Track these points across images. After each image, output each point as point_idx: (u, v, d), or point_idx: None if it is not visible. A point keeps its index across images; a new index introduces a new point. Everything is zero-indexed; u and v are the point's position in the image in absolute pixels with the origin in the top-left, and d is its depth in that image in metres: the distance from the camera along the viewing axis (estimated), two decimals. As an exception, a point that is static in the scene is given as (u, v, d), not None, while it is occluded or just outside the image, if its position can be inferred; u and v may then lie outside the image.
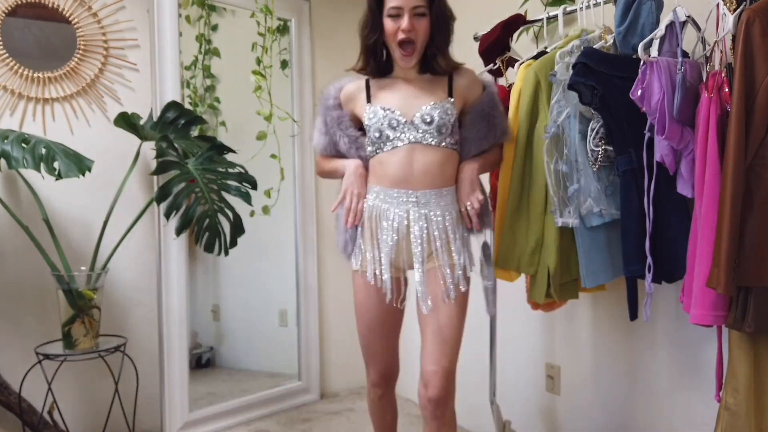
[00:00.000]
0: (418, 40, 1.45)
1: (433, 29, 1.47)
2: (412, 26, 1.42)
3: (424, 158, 1.46)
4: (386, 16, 1.45)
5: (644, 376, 1.83)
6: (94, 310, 2.07)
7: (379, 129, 1.48)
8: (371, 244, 1.51)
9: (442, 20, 1.48)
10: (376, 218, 1.50)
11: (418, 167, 1.46)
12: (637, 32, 1.46)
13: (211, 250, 2.24)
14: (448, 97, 1.50)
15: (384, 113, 1.48)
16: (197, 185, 2.18)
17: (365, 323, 1.58)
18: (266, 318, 3.00)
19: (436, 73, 1.52)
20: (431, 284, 1.49)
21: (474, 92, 1.56)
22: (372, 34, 1.48)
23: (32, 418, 2.08)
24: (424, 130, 1.45)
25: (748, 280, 1.24)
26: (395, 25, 1.43)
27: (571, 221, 1.50)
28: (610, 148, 1.50)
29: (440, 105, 1.47)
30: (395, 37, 1.44)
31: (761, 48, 1.21)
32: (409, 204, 1.46)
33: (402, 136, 1.46)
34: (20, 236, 2.09)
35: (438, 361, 1.45)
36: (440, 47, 1.49)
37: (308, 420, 2.57)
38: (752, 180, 1.24)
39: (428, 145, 1.46)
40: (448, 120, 1.47)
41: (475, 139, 1.52)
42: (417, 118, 1.46)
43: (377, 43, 1.49)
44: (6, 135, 1.85)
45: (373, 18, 1.47)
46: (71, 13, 2.24)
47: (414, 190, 1.47)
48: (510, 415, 2.27)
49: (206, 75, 2.81)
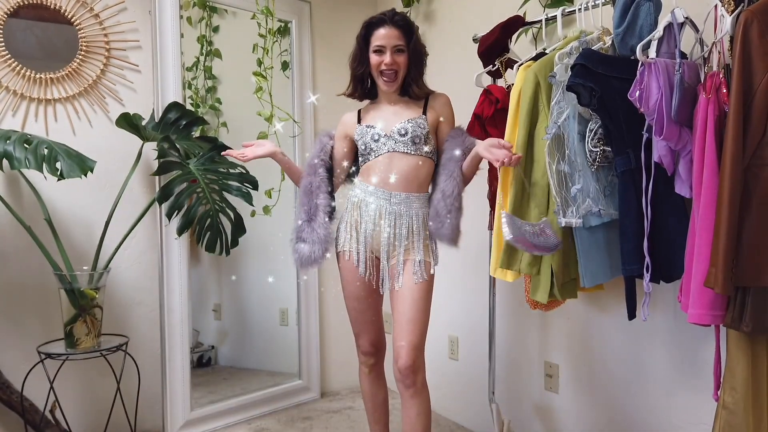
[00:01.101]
0: (399, 72, 1.75)
1: (410, 63, 1.76)
2: (393, 61, 1.73)
3: (401, 164, 1.74)
4: (372, 52, 1.74)
5: (642, 375, 1.84)
6: (96, 309, 2.08)
7: (365, 143, 1.78)
8: (354, 229, 1.78)
9: (418, 56, 1.77)
10: (359, 207, 1.78)
11: (396, 171, 1.74)
12: (636, 33, 1.46)
13: (212, 249, 2.25)
14: (422, 114, 1.78)
15: (367, 129, 1.78)
16: (199, 185, 2.19)
17: (353, 296, 1.83)
18: (267, 317, 3.01)
19: (412, 97, 1.80)
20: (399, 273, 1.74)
21: (447, 111, 1.83)
22: (360, 67, 1.78)
23: (34, 417, 2.09)
24: (400, 141, 1.74)
25: (745, 279, 1.25)
26: (379, 59, 1.73)
27: (574, 221, 1.51)
28: (609, 149, 1.51)
29: (414, 121, 1.75)
30: (379, 69, 1.74)
31: (759, 49, 1.22)
32: (384, 200, 1.75)
33: (383, 147, 1.76)
34: (22, 236, 2.10)
35: (405, 336, 1.68)
36: (415, 78, 1.77)
37: (309, 418, 2.58)
38: (750, 180, 1.24)
39: (404, 153, 1.74)
40: (420, 132, 1.75)
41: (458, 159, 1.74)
42: (394, 131, 1.75)
43: (364, 74, 1.80)
44: (8, 135, 1.86)
45: (360, 53, 1.77)
46: (73, 15, 2.26)
47: (390, 191, 1.75)
48: (509, 414, 2.28)
49: (207, 76, 2.82)
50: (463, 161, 1.75)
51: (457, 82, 2.54)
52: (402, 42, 1.73)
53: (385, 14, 1.74)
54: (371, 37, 1.74)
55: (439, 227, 1.72)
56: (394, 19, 1.73)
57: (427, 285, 1.75)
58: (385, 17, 1.73)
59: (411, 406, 1.69)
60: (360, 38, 1.77)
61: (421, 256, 1.74)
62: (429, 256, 1.76)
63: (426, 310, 1.73)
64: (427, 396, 1.72)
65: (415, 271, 1.72)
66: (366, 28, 1.76)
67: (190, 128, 2.32)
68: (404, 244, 1.74)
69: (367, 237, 1.76)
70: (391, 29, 1.72)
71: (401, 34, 1.73)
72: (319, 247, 1.76)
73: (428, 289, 1.75)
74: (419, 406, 1.69)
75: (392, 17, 1.73)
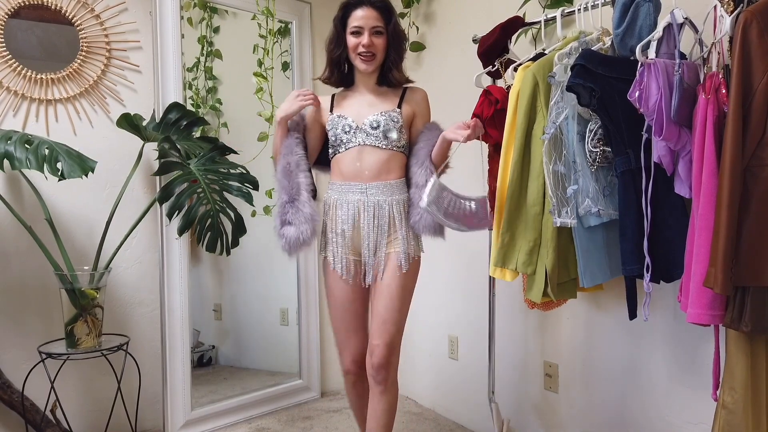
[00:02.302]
0: (377, 55, 1.70)
1: (389, 46, 1.71)
2: (372, 42, 1.67)
3: (371, 158, 1.70)
4: (349, 33, 1.69)
5: (642, 374, 1.85)
6: (97, 309, 2.08)
7: (335, 134, 1.73)
8: (333, 234, 1.75)
9: (397, 39, 1.72)
10: (333, 210, 1.75)
11: (366, 165, 1.70)
12: (635, 34, 1.47)
13: (213, 249, 2.25)
14: (397, 107, 1.73)
15: (339, 120, 1.72)
16: (199, 185, 2.19)
17: (337, 305, 1.77)
18: (267, 317, 3.01)
19: (391, 85, 1.75)
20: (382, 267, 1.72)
21: (423, 107, 1.80)
22: (336, 49, 1.73)
23: (35, 417, 2.10)
24: (372, 134, 1.69)
25: (745, 279, 1.25)
26: (357, 41, 1.68)
27: (569, 221, 1.52)
28: (609, 149, 1.51)
29: (387, 114, 1.71)
30: (356, 51, 1.69)
31: (758, 49, 1.22)
32: (360, 194, 1.70)
33: (353, 139, 1.71)
34: (23, 236, 2.11)
35: (381, 335, 1.69)
36: (395, 61, 1.73)
37: (309, 418, 2.58)
38: (749, 180, 1.25)
39: (375, 146, 1.70)
40: (393, 125, 1.70)
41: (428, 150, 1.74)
42: (365, 123, 1.70)
43: (341, 57, 1.74)
44: (9, 136, 1.86)
45: (338, 35, 1.72)
46: (74, 15, 2.26)
47: (365, 182, 1.70)
48: (509, 414, 2.28)
49: (208, 77, 2.82)
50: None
51: (456, 83, 2.54)
52: (381, 23, 1.68)
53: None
54: (348, 19, 1.69)
55: (418, 219, 1.70)
56: (373, 1, 1.68)
57: (409, 279, 1.73)
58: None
59: (380, 401, 1.71)
60: (337, 20, 1.71)
61: (405, 247, 1.70)
62: (411, 246, 1.72)
63: (404, 308, 1.72)
64: (395, 392, 1.74)
65: (398, 264, 1.70)
66: (343, 10, 1.70)
67: (191, 128, 2.33)
68: (386, 237, 1.71)
69: (347, 238, 1.72)
70: (369, 10, 1.67)
71: (380, 15, 1.68)
72: (306, 227, 1.68)
73: (410, 283, 1.74)
74: (387, 403, 1.71)
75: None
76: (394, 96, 1.76)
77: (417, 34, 2.76)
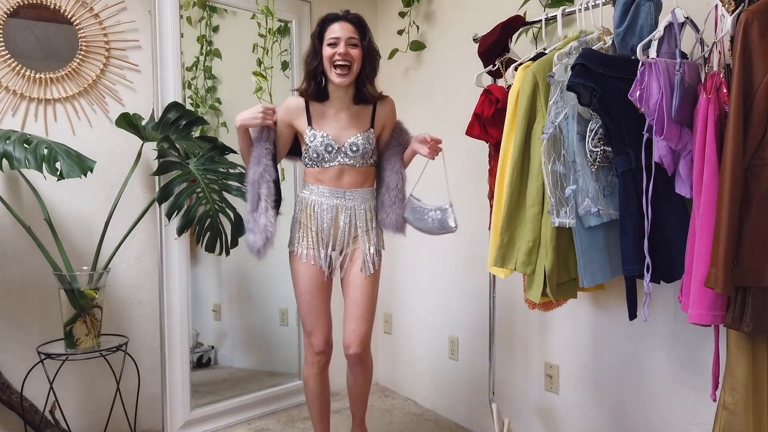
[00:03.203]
0: (352, 66, 1.78)
1: (364, 59, 1.81)
2: (347, 52, 1.77)
3: (350, 176, 1.87)
4: (326, 45, 1.78)
5: (643, 375, 1.84)
6: (96, 309, 2.08)
7: (317, 151, 1.84)
8: (308, 228, 1.88)
9: (371, 53, 1.83)
10: (310, 208, 1.88)
11: (345, 181, 1.87)
12: (636, 33, 1.46)
13: (212, 250, 2.25)
14: (371, 128, 1.88)
15: (322, 139, 1.83)
16: (198, 185, 2.19)
17: (308, 292, 1.89)
18: (267, 317, 3.01)
19: (364, 101, 1.87)
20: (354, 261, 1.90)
21: (391, 118, 1.94)
22: (313, 61, 1.81)
23: (34, 417, 2.09)
24: (351, 156, 1.84)
25: (746, 279, 1.25)
26: (333, 51, 1.77)
27: (567, 221, 1.51)
28: (609, 149, 1.51)
29: (364, 135, 1.85)
30: (332, 60, 1.77)
31: (759, 49, 1.22)
32: (339, 198, 1.86)
33: (334, 159, 1.84)
34: (22, 236, 2.10)
35: (357, 322, 1.87)
36: (369, 76, 1.83)
37: (308, 419, 2.58)
38: (750, 180, 1.24)
39: (353, 166, 1.86)
40: (369, 148, 1.86)
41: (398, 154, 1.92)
42: (346, 145, 1.84)
43: (317, 70, 1.82)
44: (8, 135, 1.86)
45: (314, 49, 1.81)
46: (73, 14, 2.25)
47: (344, 189, 1.87)
48: (509, 414, 2.28)
49: (207, 76, 2.82)
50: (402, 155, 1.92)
51: (457, 82, 2.54)
52: (356, 36, 1.78)
53: (340, 11, 1.81)
54: (326, 32, 1.79)
55: (384, 217, 1.89)
56: (348, 16, 1.80)
57: (378, 270, 1.92)
58: (339, 13, 1.80)
59: (359, 375, 1.95)
60: (315, 35, 1.82)
61: (374, 245, 1.90)
62: (380, 241, 1.93)
63: (375, 296, 1.91)
64: (371, 363, 1.96)
65: (366, 259, 1.87)
66: (321, 25, 1.81)
67: (190, 128, 2.32)
68: (357, 235, 1.89)
69: (322, 233, 1.87)
70: (345, 24, 1.78)
71: (355, 29, 1.79)
72: (260, 237, 1.79)
73: (378, 274, 1.93)
74: (365, 374, 1.96)
75: (347, 14, 1.81)
76: (366, 115, 1.88)
77: (417, 34, 2.75)
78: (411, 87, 2.82)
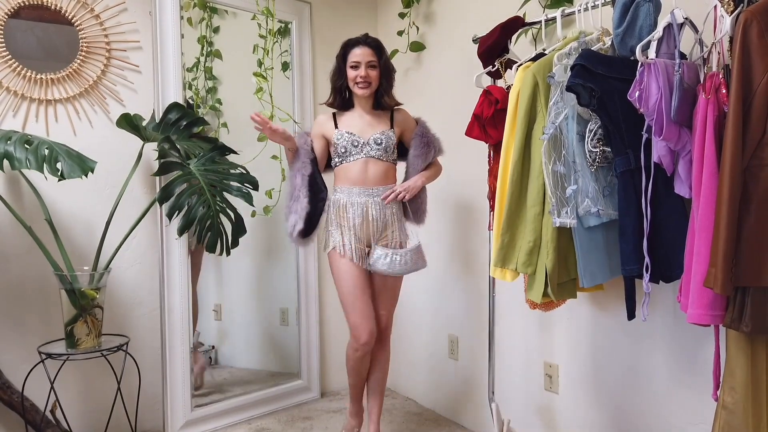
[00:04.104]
0: (371, 83, 2.07)
1: (382, 77, 2.10)
2: (367, 74, 2.05)
3: (375, 168, 2.08)
4: (349, 67, 2.06)
5: (642, 375, 1.84)
6: (97, 309, 2.08)
7: (345, 146, 2.07)
8: (339, 228, 2.07)
9: (387, 71, 2.11)
10: (342, 208, 2.07)
11: (371, 173, 2.08)
12: (635, 34, 1.47)
13: (213, 250, 2.25)
14: (391, 128, 2.13)
15: (348, 135, 2.08)
16: (199, 186, 2.19)
17: (350, 285, 2.06)
18: (267, 317, 3.01)
19: (382, 108, 2.14)
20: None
21: (409, 124, 2.18)
22: (339, 80, 2.11)
23: (35, 417, 2.10)
24: (376, 149, 2.08)
25: (745, 279, 1.25)
26: (355, 73, 2.05)
27: (568, 221, 1.51)
28: (608, 149, 1.51)
29: (385, 133, 2.10)
30: (355, 81, 2.06)
31: (758, 49, 1.22)
32: (367, 196, 2.06)
33: (361, 152, 2.07)
34: (23, 236, 2.11)
35: (387, 307, 2.16)
36: (386, 89, 2.12)
37: (309, 418, 2.58)
38: (749, 180, 1.25)
39: (378, 159, 2.08)
40: (390, 143, 2.10)
41: (420, 156, 2.13)
42: (371, 140, 2.08)
43: (342, 86, 2.11)
44: (9, 136, 1.86)
45: (339, 68, 2.10)
46: (74, 15, 2.26)
47: (370, 187, 2.07)
48: (509, 414, 2.28)
49: (208, 77, 2.82)
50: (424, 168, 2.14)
51: (456, 83, 2.54)
52: (374, 59, 2.06)
53: (361, 37, 2.08)
54: (348, 55, 2.06)
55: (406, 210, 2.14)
56: (368, 41, 2.07)
57: None
58: (360, 39, 2.07)
59: (382, 353, 2.18)
60: (339, 57, 2.09)
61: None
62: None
63: (400, 281, 2.16)
64: (389, 345, 2.22)
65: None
66: (344, 48, 2.08)
67: (191, 129, 2.32)
68: (385, 228, 2.08)
69: (357, 230, 2.05)
70: (365, 48, 2.05)
71: (374, 52, 2.06)
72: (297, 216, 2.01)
73: None
74: (387, 353, 2.21)
75: (366, 39, 2.07)
76: (385, 118, 2.14)
77: (417, 34, 2.76)
78: (411, 87, 2.83)
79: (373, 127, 2.10)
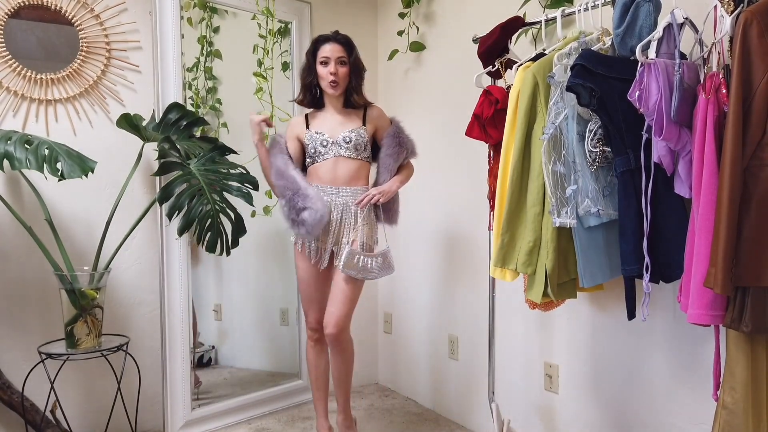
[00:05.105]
0: (341, 80, 2.05)
1: (351, 74, 2.07)
2: (336, 70, 2.03)
3: (345, 166, 2.07)
4: (319, 63, 2.04)
5: (642, 375, 1.84)
6: (97, 309, 2.08)
7: (314, 147, 2.08)
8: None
9: (357, 68, 2.09)
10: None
11: (340, 172, 2.07)
12: (635, 34, 1.47)
13: (213, 250, 2.25)
14: (362, 125, 2.10)
15: (317, 135, 2.08)
16: (199, 186, 2.19)
17: (305, 279, 2.15)
18: (267, 317, 3.01)
19: (354, 107, 2.11)
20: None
21: (383, 122, 2.15)
22: (308, 77, 2.08)
23: (35, 417, 2.10)
24: (345, 147, 2.06)
25: (745, 279, 1.25)
26: (325, 70, 2.03)
27: (568, 221, 1.51)
28: (608, 149, 1.51)
29: (356, 131, 2.08)
30: (324, 78, 2.03)
31: (758, 49, 1.22)
32: (333, 195, 2.06)
33: (330, 152, 2.06)
34: (23, 236, 2.11)
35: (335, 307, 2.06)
36: (356, 87, 2.10)
37: (309, 418, 2.58)
38: (749, 180, 1.25)
39: (347, 157, 2.07)
40: (361, 141, 2.08)
41: (392, 155, 2.11)
42: (339, 138, 2.06)
43: (312, 83, 2.09)
44: (9, 136, 1.86)
45: (309, 65, 2.08)
46: (74, 15, 2.26)
47: (338, 186, 2.06)
48: (509, 414, 2.28)
49: (208, 77, 2.82)
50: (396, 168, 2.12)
51: (456, 83, 2.54)
52: (344, 55, 2.04)
53: (331, 34, 2.07)
54: (318, 52, 2.04)
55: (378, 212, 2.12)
56: (338, 38, 2.06)
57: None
58: (330, 36, 2.06)
59: (337, 356, 2.13)
60: (309, 53, 2.07)
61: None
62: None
63: (360, 286, 2.09)
64: (350, 349, 2.15)
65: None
66: (314, 44, 2.07)
67: (191, 129, 2.32)
68: (347, 230, 2.07)
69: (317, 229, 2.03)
70: (335, 45, 2.04)
71: (343, 49, 2.05)
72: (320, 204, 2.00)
73: None
74: (342, 355, 2.13)
75: (336, 36, 2.06)
76: (357, 116, 2.11)
77: (417, 35, 2.76)
78: (411, 88, 2.83)
79: (343, 125, 2.08)
